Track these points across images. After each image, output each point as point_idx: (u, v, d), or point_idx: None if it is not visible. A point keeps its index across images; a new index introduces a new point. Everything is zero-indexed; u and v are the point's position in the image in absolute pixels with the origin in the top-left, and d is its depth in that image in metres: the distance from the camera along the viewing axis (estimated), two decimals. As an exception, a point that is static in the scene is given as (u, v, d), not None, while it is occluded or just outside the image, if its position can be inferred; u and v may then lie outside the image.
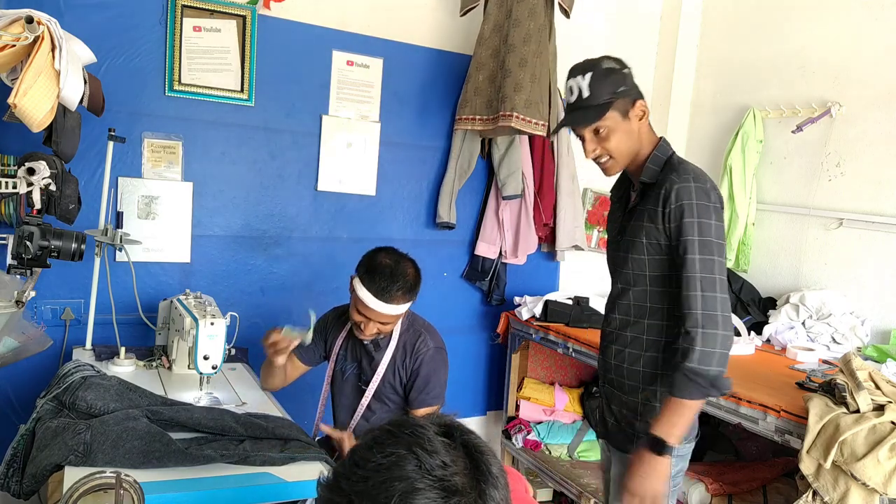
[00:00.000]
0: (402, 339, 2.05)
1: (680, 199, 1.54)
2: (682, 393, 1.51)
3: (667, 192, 1.56)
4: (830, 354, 2.50)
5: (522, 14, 2.66)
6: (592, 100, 1.59)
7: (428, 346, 2.03)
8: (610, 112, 1.59)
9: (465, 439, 0.78)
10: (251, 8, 2.56)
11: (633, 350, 1.68)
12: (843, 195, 2.76)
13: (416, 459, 0.73)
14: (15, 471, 1.47)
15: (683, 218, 1.54)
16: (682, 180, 1.55)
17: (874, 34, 2.67)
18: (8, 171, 1.86)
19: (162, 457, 1.45)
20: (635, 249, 1.64)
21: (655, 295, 1.64)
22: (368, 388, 2.05)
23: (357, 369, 2.10)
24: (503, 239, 3.11)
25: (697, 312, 1.50)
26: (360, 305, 1.89)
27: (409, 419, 0.81)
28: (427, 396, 2.02)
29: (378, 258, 1.92)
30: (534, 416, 3.11)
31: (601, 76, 1.58)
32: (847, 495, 1.69)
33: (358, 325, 1.94)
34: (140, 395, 1.69)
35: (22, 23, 1.54)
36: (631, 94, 1.61)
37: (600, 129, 1.61)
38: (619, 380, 1.72)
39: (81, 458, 1.41)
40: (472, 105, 2.76)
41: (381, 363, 2.03)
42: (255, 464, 1.50)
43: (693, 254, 1.52)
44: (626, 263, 1.67)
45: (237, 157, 2.65)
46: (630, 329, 1.69)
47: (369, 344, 2.03)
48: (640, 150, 1.66)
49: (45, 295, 2.36)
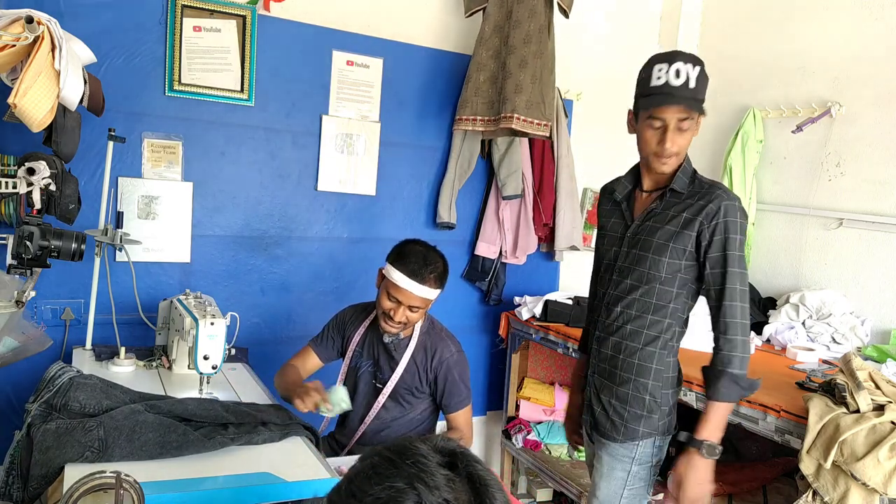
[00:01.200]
0: (423, 340, 2.08)
1: (728, 216, 1.63)
2: (727, 397, 1.62)
3: (716, 207, 1.64)
4: (830, 354, 2.50)
5: (523, 15, 2.66)
6: (698, 93, 1.63)
7: (451, 351, 2.08)
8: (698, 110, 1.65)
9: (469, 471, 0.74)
10: (251, 8, 2.56)
11: (632, 343, 1.74)
12: (843, 195, 2.76)
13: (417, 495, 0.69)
14: (15, 478, 1.46)
15: (729, 234, 1.63)
16: (730, 198, 1.65)
17: (874, 34, 2.67)
18: (8, 171, 1.87)
19: (180, 446, 1.48)
20: (657, 250, 1.69)
21: (664, 294, 1.71)
22: (386, 386, 2.08)
23: (373, 367, 2.13)
24: (503, 239, 3.11)
25: (738, 322, 1.63)
26: (392, 289, 1.94)
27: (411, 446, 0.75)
28: (461, 400, 2.09)
29: (409, 245, 2.00)
30: (534, 416, 3.11)
31: (703, 77, 1.65)
32: (847, 495, 1.69)
33: (387, 313, 1.97)
34: (122, 391, 1.70)
35: (22, 23, 1.54)
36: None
37: (685, 125, 1.65)
38: (613, 370, 1.78)
39: (98, 453, 1.42)
40: (472, 106, 2.76)
41: (401, 362, 2.06)
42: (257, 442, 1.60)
43: (735, 268, 1.63)
44: (643, 262, 1.72)
45: (237, 157, 2.65)
46: (632, 323, 1.74)
47: (390, 343, 2.06)
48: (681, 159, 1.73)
49: (45, 295, 2.36)
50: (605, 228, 1.88)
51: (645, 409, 1.74)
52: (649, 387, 1.73)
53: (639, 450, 1.77)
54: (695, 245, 1.67)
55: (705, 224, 1.64)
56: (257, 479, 1.45)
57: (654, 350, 1.73)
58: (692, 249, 1.67)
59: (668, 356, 1.74)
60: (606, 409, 1.79)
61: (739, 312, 1.63)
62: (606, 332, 1.80)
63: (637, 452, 1.77)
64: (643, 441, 1.75)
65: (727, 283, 1.63)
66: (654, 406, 1.74)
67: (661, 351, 1.73)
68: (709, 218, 1.64)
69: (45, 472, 1.39)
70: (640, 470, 1.78)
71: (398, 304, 1.95)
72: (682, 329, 1.77)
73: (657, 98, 1.62)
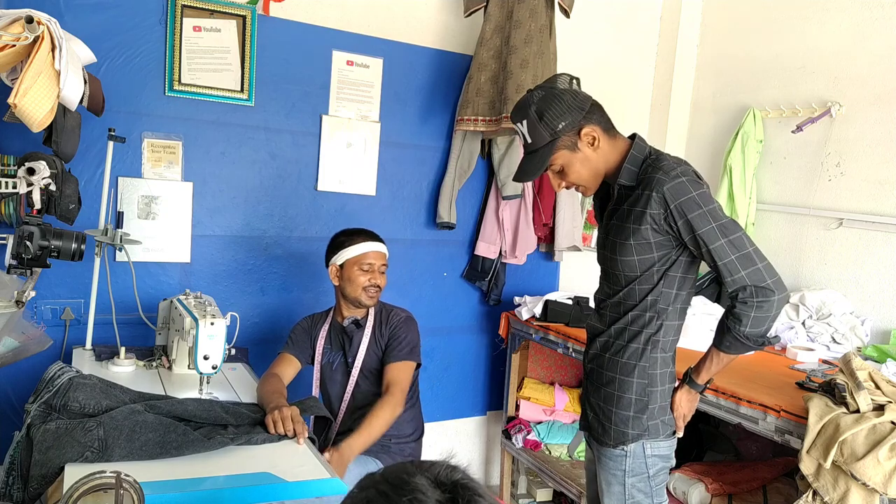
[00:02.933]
0: (377, 317, 2.26)
1: (677, 198, 1.53)
2: (728, 349, 1.63)
3: (659, 195, 1.54)
4: (830, 354, 2.50)
5: (524, 15, 2.66)
6: (534, 145, 1.60)
7: (399, 315, 2.27)
8: (557, 153, 1.60)
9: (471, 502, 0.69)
10: (251, 8, 2.56)
11: (618, 341, 1.71)
12: (843, 195, 2.76)
13: None
14: (15, 478, 1.46)
15: (689, 214, 1.53)
16: (671, 178, 1.54)
17: (874, 34, 2.67)
18: (8, 171, 1.86)
19: (180, 446, 1.48)
20: (622, 251, 1.64)
21: (641, 291, 1.66)
22: (354, 364, 2.20)
23: (343, 356, 2.25)
24: (503, 239, 3.11)
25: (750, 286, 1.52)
26: (362, 259, 2.17)
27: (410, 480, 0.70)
28: (400, 352, 2.18)
29: (338, 234, 2.28)
30: (534, 416, 3.11)
31: (534, 121, 1.58)
32: (847, 495, 1.69)
33: (368, 285, 2.17)
34: (121, 391, 1.70)
35: (22, 23, 1.54)
36: (573, 125, 1.58)
37: (555, 168, 1.64)
38: (599, 370, 1.76)
39: (97, 453, 1.42)
40: (473, 106, 2.76)
41: (364, 339, 2.21)
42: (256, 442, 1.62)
43: (718, 240, 1.53)
44: (615, 264, 1.68)
45: (237, 157, 2.65)
46: (617, 323, 1.71)
47: (350, 326, 2.22)
48: (608, 165, 1.66)
49: (45, 295, 2.36)
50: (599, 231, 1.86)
51: (632, 408, 1.69)
52: (634, 385, 1.69)
53: (629, 460, 1.71)
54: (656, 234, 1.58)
55: (659, 215, 1.55)
56: (257, 479, 1.45)
57: (637, 346, 1.68)
58: (657, 240, 1.59)
59: (653, 352, 1.67)
60: (597, 412, 1.77)
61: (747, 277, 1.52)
62: (593, 333, 1.80)
63: (628, 464, 1.71)
64: (633, 445, 1.70)
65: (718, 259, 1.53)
66: (642, 405, 1.68)
67: (644, 346, 1.67)
68: (658, 208, 1.55)
69: (45, 473, 1.39)
70: (638, 482, 1.72)
71: (372, 270, 2.18)
72: (673, 322, 1.68)
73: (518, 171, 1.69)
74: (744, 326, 1.56)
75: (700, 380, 1.72)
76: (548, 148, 1.58)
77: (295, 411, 1.72)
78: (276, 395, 1.89)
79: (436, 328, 2.31)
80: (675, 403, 1.74)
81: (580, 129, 1.59)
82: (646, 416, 1.69)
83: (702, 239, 1.54)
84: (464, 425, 3.35)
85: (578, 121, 1.58)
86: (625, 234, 1.62)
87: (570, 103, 1.57)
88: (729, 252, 1.53)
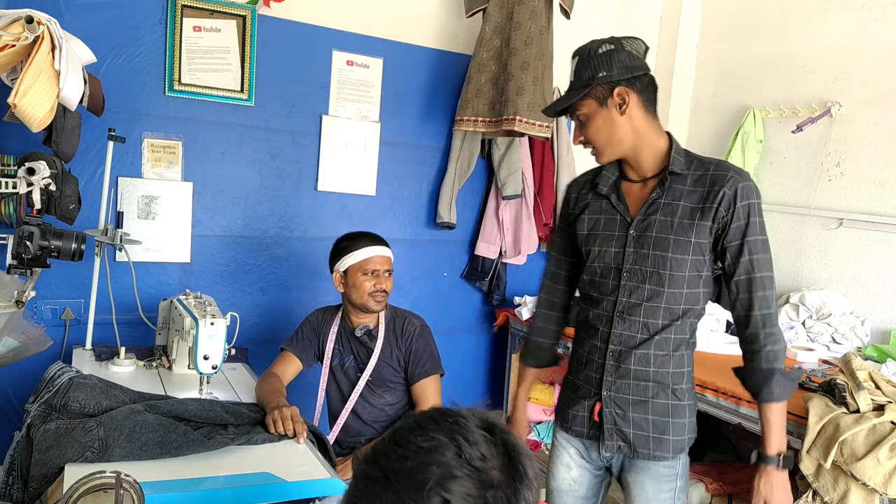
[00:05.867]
0: (389, 325, 2.20)
1: (747, 198, 1.47)
2: (783, 396, 1.50)
3: (731, 191, 1.47)
4: (830, 354, 2.50)
5: (524, 16, 2.66)
6: (574, 84, 1.53)
7: (415, 325, 2.21)
8: (586, 99, 1.51)
9: (505, 438, 0.78)
10: (251, 8, 2.56)
11: (662, 352, 1.55)
12: (843, 195, 2.76)
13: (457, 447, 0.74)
14: (15, 478, 1.46)
15: (751, 217, 1.48)
16: (744, 178, 1.49)
17: (874, 34, 2.67)
18: (8, 171, 1.86)
19: (180, 446, 1.48)
20: (676, 248, 1.51)
21: (691, 296, 1.54)
22: (364, 373, 2.16)
23: (354, 361, 2.20)
24: (503, 239, 3.11)
25: (773, 312, 1.48)
26: (367, 265, 2.10)
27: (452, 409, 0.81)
28: (424, 368, 2.16)
29: (340, 238, 2.20)
30: (534, 416, 3.10)
31: (585, 59, 1.50)
32: (847, 495, 1.69)
33: (374, 291, 2.10)
34: (121, 391, 1.70)
35: (22, 23, 1.54)
36: (613, 79, 1.48)
37: (581, 116, 1.54)
38: (644, 384, 1.57)
39: (98, 454, 1.42)
40: (473, 106, 2.76)
41: (376, 349, 2.16)
42: (256, 442, 1.62)
43: (761, 254, 1.49)
44: (663, 263, 1.52)
45: (237, 157, 2.65)
46: (661, 333, 1.55)
47: (362, 336, 2.16)
48: (633, 141, 1.54)
49: (45, 295, 2.36)
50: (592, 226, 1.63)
51: (687, 414, 1.58)
52: (686, 393, 1.58)
53: (681, 461, 1.61)
54: (713, 235, 1.50)
55: (723, 211, 1.48)
56: (257, 479, 1.45)
57: (683, 353, 1.57)
58: (710, 241, 1.51)
59: (692, 355, 1.60)
60: (644, 428, 1.58)
61: (772, 302, 1.47)
62: (628, 346, 1.57)
63: (680, 466, 1.61)
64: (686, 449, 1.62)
65: (756, 272, 1.47)
66: (693, 408, 1.60)
67: (687, 352, 1.58)
68: (727, 204, 1.47)
69: (45, 473, 1.39)
70: (683, 482, 1.62)
71: (377, 275, 2.12)
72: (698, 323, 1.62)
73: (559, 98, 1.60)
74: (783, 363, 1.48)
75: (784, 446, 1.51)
76: (581, 89, 1.51)
77: (295, 411, 1.72)
78: (276, 394, 1.89)
79: (436, 328, 2.31)
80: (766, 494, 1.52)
81: (615, 87, 1.49)
82: (693, 416, 1.61)
83: (749, 246, 1.48)
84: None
85: (618, 78, 1.49)
86: (681, 230, 1.51)
87: (622, 61, 1.49)
88: (764, 269, 1.49)
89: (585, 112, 1.52)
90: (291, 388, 2.09)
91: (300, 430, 1.66)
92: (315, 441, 1.72)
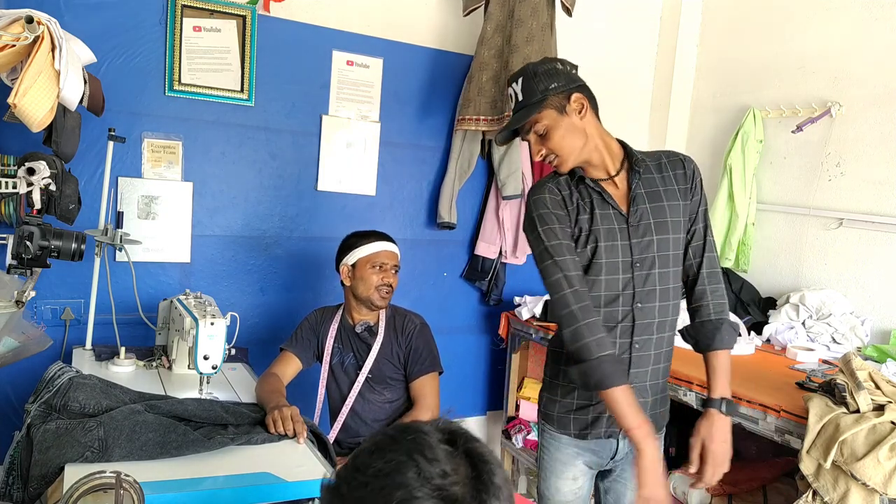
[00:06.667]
0: (389, 322, 2.23)
1: (699, 174, 1.68)
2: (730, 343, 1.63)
3: (690, 169, 1.66)
4: (830, 354, 2.50)
5: (525, 14, 2.66)
6: (525, 101, 1.57)
7: (415, 322, 2.24)
8: (544, 111, 1.55)
9: (468, 447, 0.77)
10: (251, 8, 2.56)
11: (671, 332, 1.68)
12: (843, 195, 2.76)
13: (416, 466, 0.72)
14: (15, 478, 1.46)
15: (702, 190, 1.67)
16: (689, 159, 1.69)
17: (874, 34, 2.67)
18: (8, 171, 1.86)
19: (180, 446, 1.48)
20: (675, 228, 1.62)
21: (678, 274, 1.66)
22: (362, 370, 2.18)
23: (354, 358, 2.22)
24: (503, 239, 3.11)
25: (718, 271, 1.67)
26: (374, 259, 2.15)
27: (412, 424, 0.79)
28: (422, 366, 2.18)
29: (349, 235, 2.25)
30: (534, 416, 3.10)
31: (530, 77, 1.57)
32: (847, 495, 1.69)
33: (381, 285, 2.15)
34: (121, 391, 1.70)
35: (22, 23, 1.54)
36: (564, 88, 1.56)
37: (539, 129, 1.58)
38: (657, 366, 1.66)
39: (98, 454, 1.42)
40: (475, 105, 2.76)
41: (375, 346, 2.18)
42: (256, 442, 1.62)
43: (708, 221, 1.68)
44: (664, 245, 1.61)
45: (237, 157, 2.65)
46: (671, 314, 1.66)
47: (364, 332, 2.19)
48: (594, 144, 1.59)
49: (45, 295, 2.36)
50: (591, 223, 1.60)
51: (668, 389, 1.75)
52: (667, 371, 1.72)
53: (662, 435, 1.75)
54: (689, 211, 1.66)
55: (692, 187, 1.65)
56: (257, 479, 1.45)
57: (672, 333, 1.69)
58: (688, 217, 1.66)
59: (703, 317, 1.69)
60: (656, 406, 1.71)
61: (717, 262, 1.68)
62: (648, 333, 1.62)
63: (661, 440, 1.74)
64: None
65: (709, 236, 1.67)
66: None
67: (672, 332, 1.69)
68: (693, 181, 1.65)
69: (45, 473, 1.39)
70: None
71: (385, 269, 2.17)
72: None
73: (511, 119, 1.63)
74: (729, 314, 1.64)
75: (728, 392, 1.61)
76: (536, 104, 1.56)
77: (295, 411, 1.72)
78: (276, 394, 1.89)
79: (436, 328, 2.31)
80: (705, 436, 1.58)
81: (570, 94, 1.57)
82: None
83: (702, 215, 1.67)
84: (464, 425, 3.35)
85: (570, 87, 1.57)
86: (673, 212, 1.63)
87: (566, 73, 1.60)
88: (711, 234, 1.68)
89: (546, 124, 1.57)
90: (291, 388, 2.09)
91: (300, 430, 1.66)
92: (315, 441, 1.72)
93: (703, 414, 1.60)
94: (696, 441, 1.57)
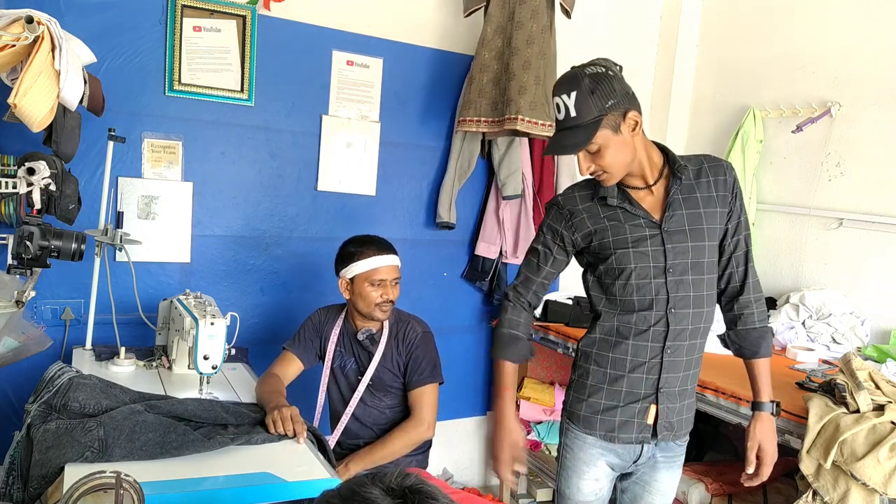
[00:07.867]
0: (393, 330, 2.21)
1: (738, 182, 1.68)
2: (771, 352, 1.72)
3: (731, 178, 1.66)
4: (830, 354, 2.50)
5: (525, 16, 2.66)
6: (579, 119, 1.51)
7: (417, 331, 2.20)
8: (600, 131, 1.51)
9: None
10: (251, 8, 2.56)
11: (702, 340, 1.71)
12: (843, 195, 2.76)
13: None
14: (15, 478, 1.46)
15: (742, 199, 1.68)
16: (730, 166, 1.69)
17: (874, 34, 2.67)
18: (8, 171, 1.86)
19: (180, 446, 1.48)
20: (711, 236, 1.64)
21: (713, 281, 1.68)
22: (363, 378, 2.16)
23: (356, 363, 2.21)
24: (503, 239, 3.11)
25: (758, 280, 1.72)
26: (374, 275, 2.09)
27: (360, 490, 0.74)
28: (422, 376, 2.16)
29: (348, 242, 2.18)
30: (534, 416, 3.11)
31: (586, 93, 1.50)
32: (847, 495, 1.69)
33: (381, 300, 2.11)
34: (121, 391, 1.70)
35: (22, 23, 1.54)
36: (621, 105, 1.52)
37: (592, 148, 1.55)
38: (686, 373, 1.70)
39: (98, 454, 1.42)
40: (476, 106, 2.76)
41: (377, 353, 2.16)
42: (256, 442, 1.62)
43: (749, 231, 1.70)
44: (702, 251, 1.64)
45: (237, 157, 2.65)
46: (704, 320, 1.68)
47: (365, 339, 2.16)
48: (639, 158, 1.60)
49: (45, 295, 2.36)
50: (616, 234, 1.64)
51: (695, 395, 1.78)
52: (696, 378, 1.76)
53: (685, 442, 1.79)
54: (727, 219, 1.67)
55: (731, 195, 1.65)
56: (257, 479, 1.45)
57: (704, 340, 1.71)
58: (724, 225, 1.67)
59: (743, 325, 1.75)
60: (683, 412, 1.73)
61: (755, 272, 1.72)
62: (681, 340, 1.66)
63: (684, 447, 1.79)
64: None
65: (749, 247, 1.69)
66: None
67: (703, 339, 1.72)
68: (732, 189, 1.66)
69: (45, 473, 1.39)
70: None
71: (384, 285, 2.11)
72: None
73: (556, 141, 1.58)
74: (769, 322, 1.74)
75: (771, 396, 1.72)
76: (594, 123, 1.52)
77: (295, 411, 1.72)
78: (276, 394, 1.89)
79: (436, 328, 2.31)
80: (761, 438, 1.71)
81: (626, 112, 1.53)
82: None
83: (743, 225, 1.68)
84: (464, 425, 3.36)
85: (626, 104, 1.54)
86: (709, 219, 1.64)
87: (622, 88, 1.55)
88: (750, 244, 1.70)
89: (600, 143, 1.53)
90: (292, 389, 2.09)
91: (300, 430, 1.66)
92: (315, 441, 1.71)
93: (753, 417, 1.71)
94: (753, 443, 1.69)
